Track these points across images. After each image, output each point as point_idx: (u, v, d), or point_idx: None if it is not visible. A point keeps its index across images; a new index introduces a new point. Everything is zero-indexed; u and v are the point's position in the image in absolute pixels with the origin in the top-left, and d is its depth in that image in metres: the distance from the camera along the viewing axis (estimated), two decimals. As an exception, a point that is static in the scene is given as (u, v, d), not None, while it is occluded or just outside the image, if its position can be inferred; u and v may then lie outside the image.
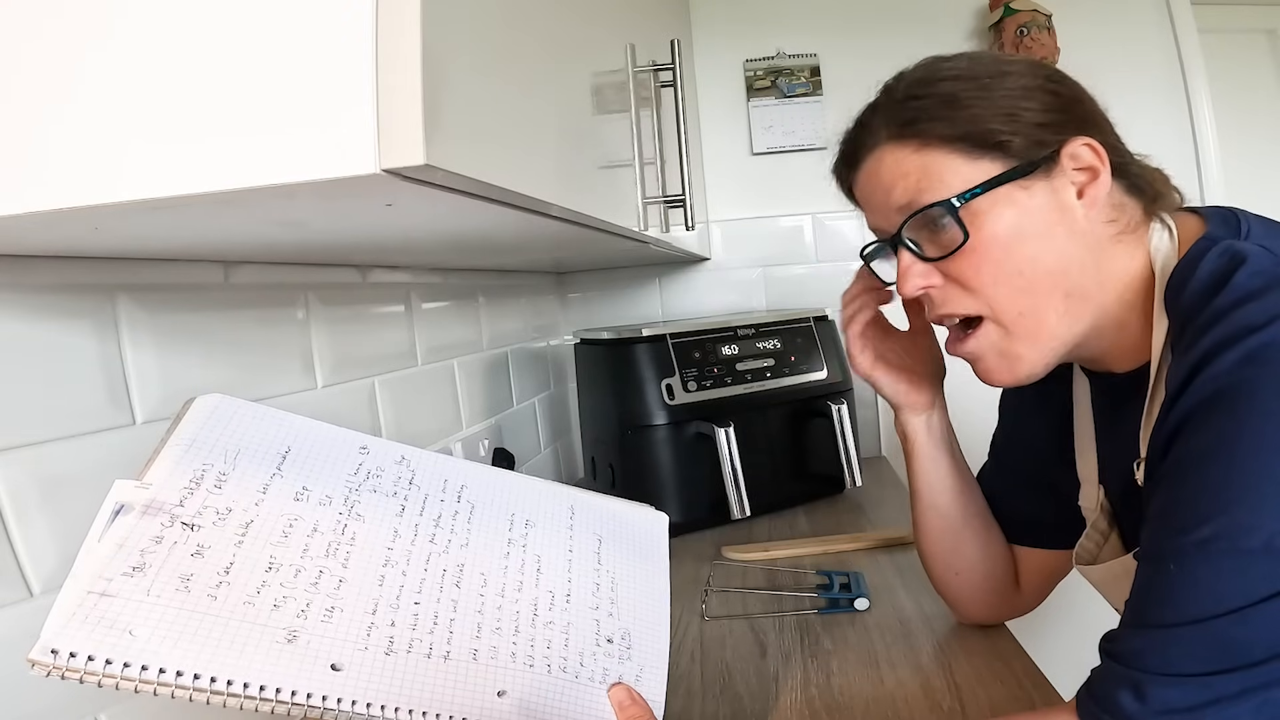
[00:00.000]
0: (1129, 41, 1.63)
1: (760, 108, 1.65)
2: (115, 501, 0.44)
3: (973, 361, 0.62)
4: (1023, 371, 0.60)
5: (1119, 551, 0.68)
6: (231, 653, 0.42)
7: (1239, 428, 0.45)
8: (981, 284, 0.58)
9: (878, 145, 0.61)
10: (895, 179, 0.59)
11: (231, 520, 0.47)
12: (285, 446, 0.52)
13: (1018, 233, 0.57)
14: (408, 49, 0.34)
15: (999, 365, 0.61)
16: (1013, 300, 0.58)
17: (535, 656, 0.53)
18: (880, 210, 0.62)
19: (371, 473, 0.55)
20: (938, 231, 0.58)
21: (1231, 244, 0.53)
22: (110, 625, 0.40)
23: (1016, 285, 0.57)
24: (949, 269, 0.59)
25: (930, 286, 0.61)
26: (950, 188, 0.57)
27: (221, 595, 0.43)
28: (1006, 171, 0.56)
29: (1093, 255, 0.57)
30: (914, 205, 0.58)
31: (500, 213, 0.54)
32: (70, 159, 0.37)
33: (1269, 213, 0.58)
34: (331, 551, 0.49)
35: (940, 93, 0.58)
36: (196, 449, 0.48)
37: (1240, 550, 0.44)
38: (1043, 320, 0.58)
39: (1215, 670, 0.44)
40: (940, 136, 0.57)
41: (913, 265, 0.60)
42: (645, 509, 0.68)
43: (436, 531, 0.55)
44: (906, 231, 0.60)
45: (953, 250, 0.57)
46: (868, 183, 0.63)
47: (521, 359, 1.41)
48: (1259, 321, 0.46)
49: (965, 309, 0.60)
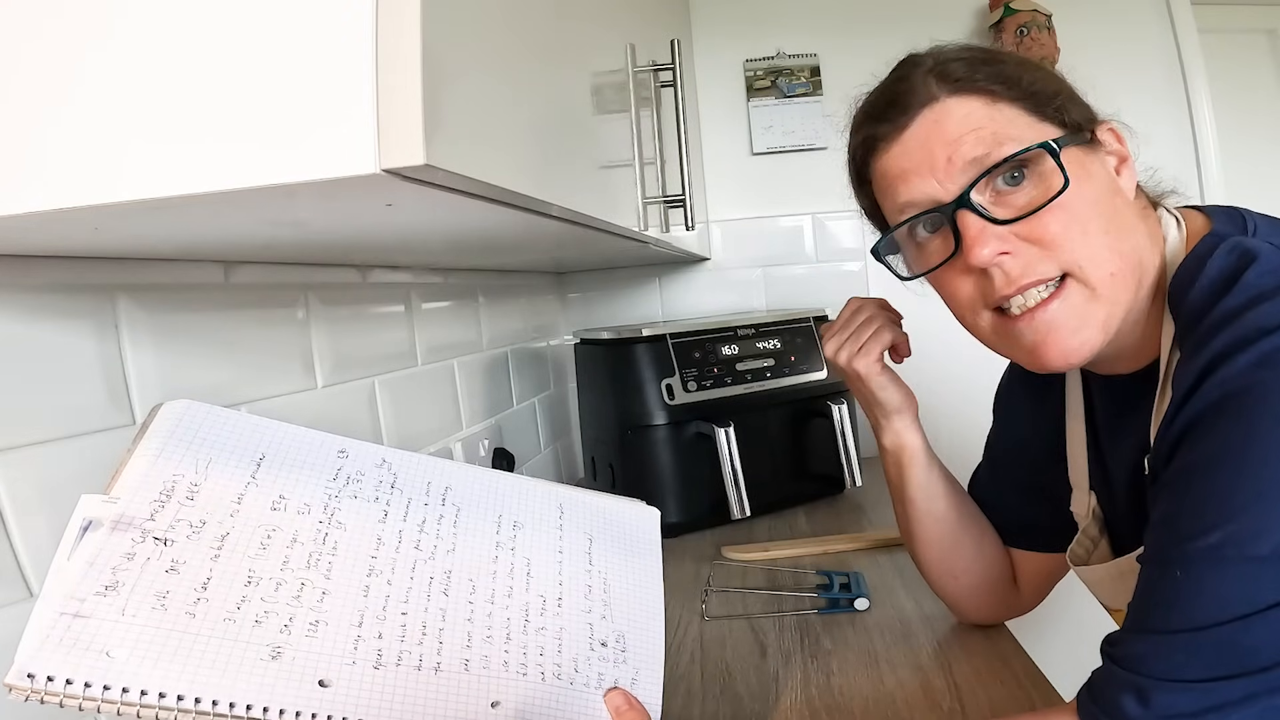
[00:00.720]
0: (1129, 41, 1.63)
1: (760, 108, 1.65)
2: (83, 517, 0.42)
3: (1044, 334, 0.55)
4: (1097, 339, 0.55)
5: (1108, 557, 0.67)
6: (214, 672, 0.41)
7: (1250, 433, 0.44)
8: (1071, 240, 0.53)
9: (936, 99, 0.56)
10: (964, 131, 0.55)
11: (206, 533, 0.45)
12: (260, 453, 0.50)
13: (1102, 190, 0.55)
14: (408, 49, 0.34)
15: (1072, 335, 0.54)
16: (1107, 257, 0.54)
17: (528, 664, 0.51)
18: (940, 169, 0.56)
19: (351, 478, 0.53)
20: (1015, 189, 0.54)
21: (1240, 241, 0.51)
22: (86, 647, 0.38)
23: (1107, 242, 0.54)
24: (1029, 229, 0.54)
25: (1006, 253, 0.54)
26: (1028, 142, 0.54)
27: (200, 612, 0.42)
28: (1071, 134, 0.55)
29: (1145, 224, 0.57)
30: (992, 158, 0.54)
31: (500, 213, 0.54)
32: (70, 159, 0.37)
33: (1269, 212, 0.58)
34: (313, 563, 0.47)
35: (992, 58, 0.57)
36: (165, 458, 0.46)
37: (1248, 557, 0.43)
38: (1126, 284, 0.55)
39: (1219, 676, 0.44)
40: (1007, 95, 0.55)
41: (986, 228, 0.54)
42: (636, 504, 0.66)
43: (421, 537, 0.53)
44: (975, 193, 0.54)
45: (1049, 200, 0.53)
46: (924, 138, 0.56)
47: (521, 359, 1.41)
48: (1271, 324, 0.45)
49: (1049, 271, 0.54)
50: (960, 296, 0.59)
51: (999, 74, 0.56)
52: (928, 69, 0.58)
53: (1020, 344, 0.57)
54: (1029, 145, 0.54)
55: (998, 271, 0.55)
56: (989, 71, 0.57)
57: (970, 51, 0.59)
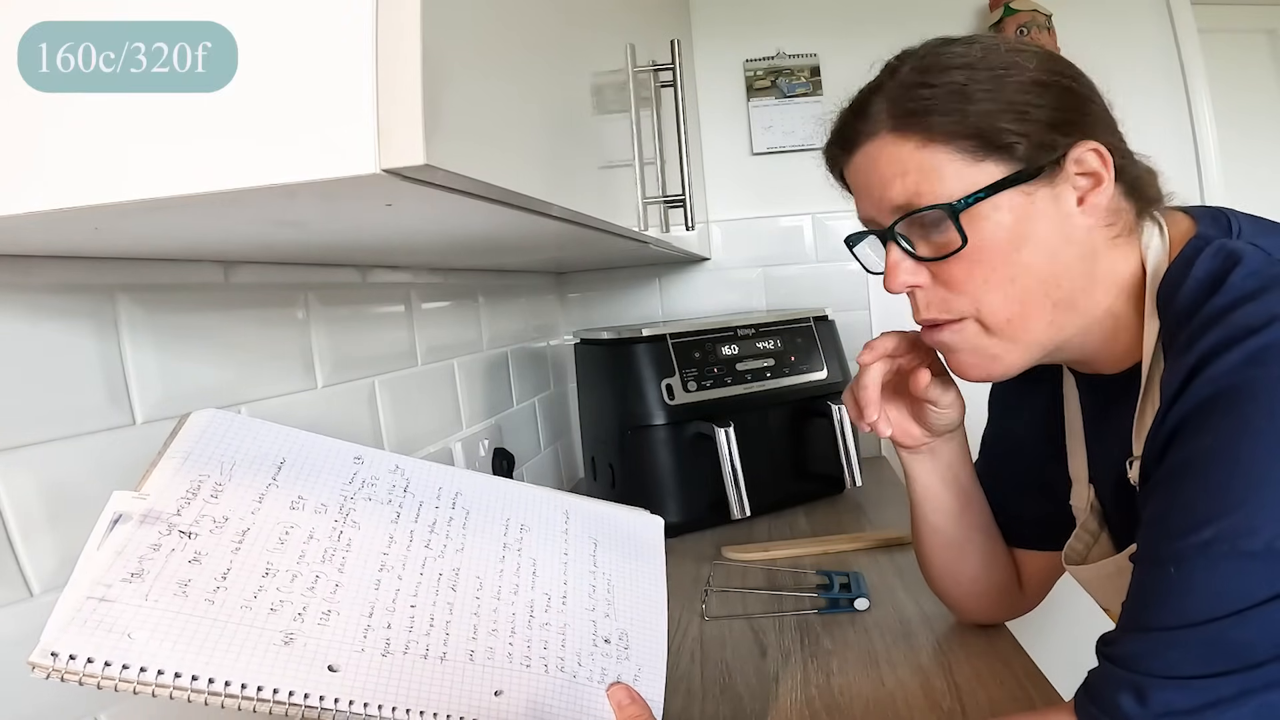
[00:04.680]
0: (1129, 41, 1.63)
1: (760, 108, 1.65)
2: (113, 511, 0.44)
3: (947, 353, 0.62)
4: (997, 370, 0.60)
5: (1109, 551, 0.67)
6: (229, 654, 0.42)
7: (1240, 430, 0.45)
8: (972, 288, 0.57)
9: (876, 134, 0.58)
10: (893, 175, 0.57)
11: (228, 528, 0.47)
12: (280, 458, 0.53)
13: (1015, 239, 0.55)
14: (408, 49, 0.34)
15: (974, 361, 0.60)
16: (1002, 306, 0.57)
17: (532, 657, 0.53)
18: (874, 203, 0.60)
19: (366, 481, 0.55)
20: (932, 233, 0.57)
21: (1225, 243, 0.52)
22: (109, 628, 0.40)
23: (1007, 292, 0.56)
24: (939, 270, 0.58)
25: (918, 286, 0.59)
26: (950, 191, 0.55)
27: (219, 600, 0.44)
28: (1010, 176, 0.54)
29: (1086, 263, 0.57)
30: (911, 205, 0.57)
31: (500, 213, 0.54)
32: (70, 159, 0.37)
33: (1269, 213, 0.58)
34: (327, 557, 0.50)
35: (949, 83, 0.55)
36: (193, 461, 0.49)
37: (1241, 553, 0.43)
38: (1028, 327, 0.58)
39: (1215, 672, 0.44)
40: (945, 134, 0.55)
41: (902, 262, 0.59)
42: (640, 513, 0.68)
43: (432, 537, 0.55)
44: (900, 228, 0.58)
45: (948, 254, 0.56)
46: (863, 172, 0.61)
47: (521, 359, 1.41)
48: (1258, 323, 0.45)
49: (950, 312, 0.59)
50: None
51: (949, 106, 0.55)
52: (890, 91, 0.58)
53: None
54: (934, 204, 0.56)
55: (911, 298, 0.61)
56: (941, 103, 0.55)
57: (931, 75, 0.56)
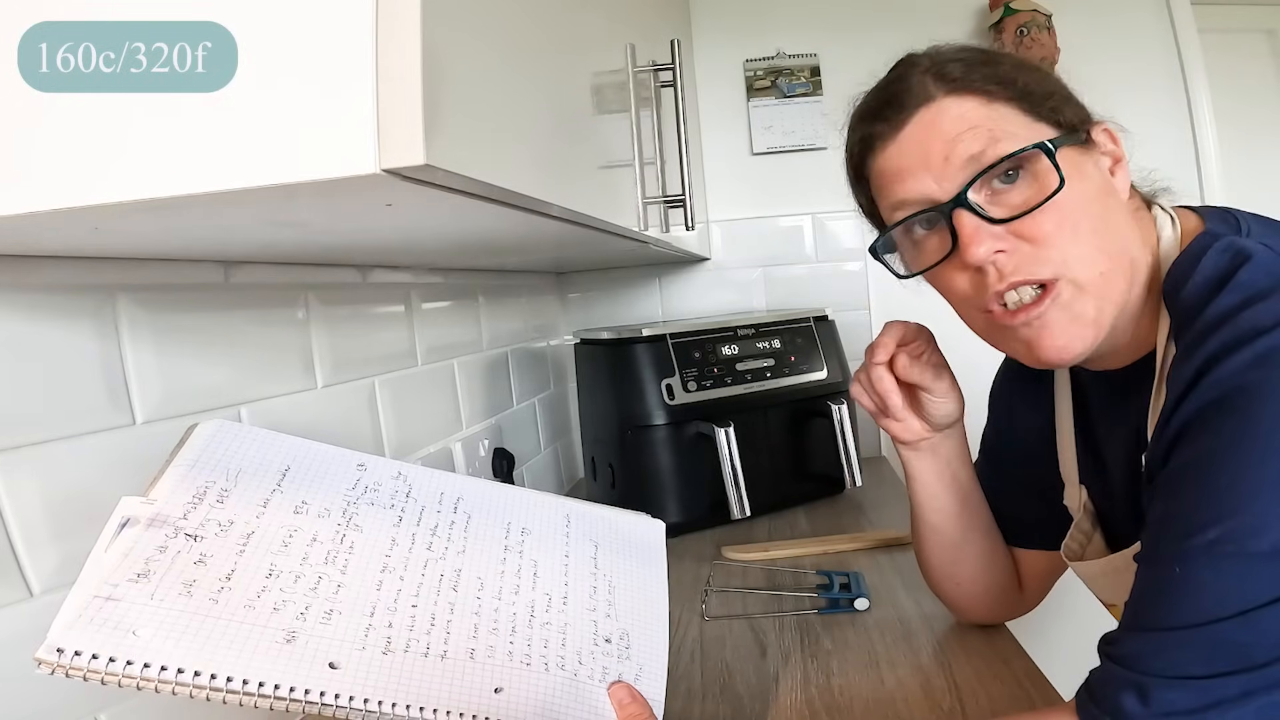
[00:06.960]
0: (1129, 41, 1.63)
1: (760, 108, 1.65)
2: (121, 515, 0.45)
3: (1038, 330, 0.56)
4: (1089, 335, 0.55)
5: (1103, 551, 0.67)
6: (231, 651, 0.43)
7: (1247, 431, 0.44)
8: (1062, 241, 0.54)
9: (933, 98, 0.57)
10: (960, 130, 0.55)
11: (233, 531, 0.48)
12: (285, 465, 0.54)
13: (1095, 190, 0.56)
14: (408, 49, 0.34)
15: (1063, 332, 0.55)
16: (1095, 257, 0.54)
17: (533, 655, 0.53)
18: (936, 167, 0.56)
19: (369, 487, 0.57)
20: (1010, 188, 0.55)
21: (1234, 240, 0.52)
22: (115, 626, 0.41)
23: (1097, 243, 0.54)
24: (1023, 228, 0.54)
25: (1001, 250, 0.55)
26: (1023, 142, 0.54)
27: (223, 599, 0.45)
28: (1067, 134, 0.56)
29: (1133, 232, 0.57)
30: (988, 156, 0.54)
31: (500, 213, 0.54)
32: (70, 159, 0.37)
33: (1269, 212, 0.58)
34: (330, 559, 0.50)
35: (989, 59, 0.58)
36: (199, 468, 0.50)
37: (1246, 554, 0.43)
38: (1115, 284, 0.55)
39: (1218, 673, 0.44)
40: (1003, 95, 0.56)
41: (981, 227, 0.54)
42: (642, 517, 0.69)
43: (433, 539, 0.56)
44: (971, 192, 0.55)
45: (1043, 200, 0.53)
46: (917, 141, 0.57)
47: (521, 359, 1.41)
48: (1267, 324, 0.45)
49: (1040, 272, 0.54)
50: (958, 292, 0.59)
51: (995, 74, 0.57)
52: (925, 69, 0.58)
53: (1017, 339, 0.57)
54: (1025, 145, 0.54)
55: (992, 268, 0.55)
56: (985, 72, 0.57)
57: (967, 52, 0.59)
